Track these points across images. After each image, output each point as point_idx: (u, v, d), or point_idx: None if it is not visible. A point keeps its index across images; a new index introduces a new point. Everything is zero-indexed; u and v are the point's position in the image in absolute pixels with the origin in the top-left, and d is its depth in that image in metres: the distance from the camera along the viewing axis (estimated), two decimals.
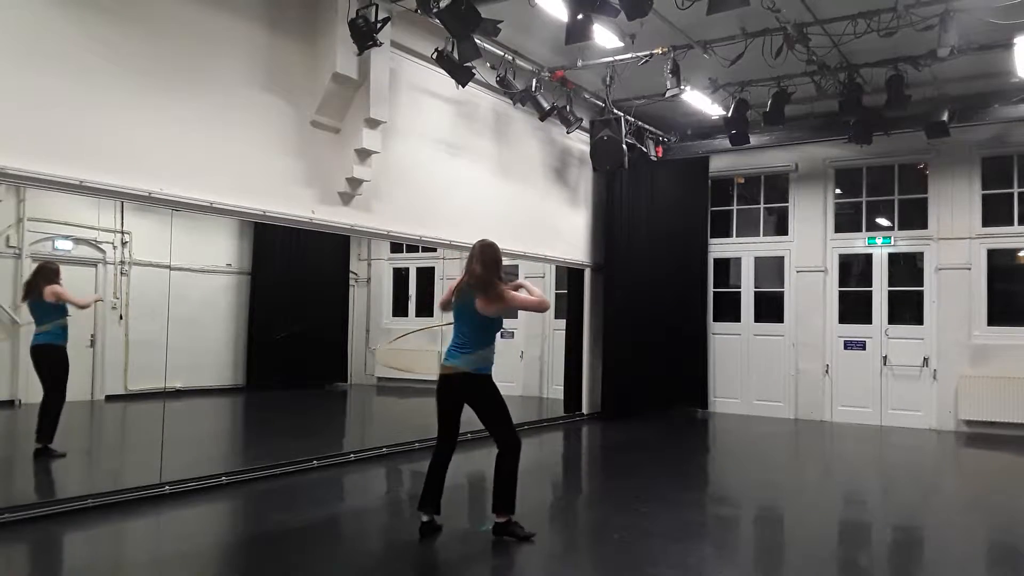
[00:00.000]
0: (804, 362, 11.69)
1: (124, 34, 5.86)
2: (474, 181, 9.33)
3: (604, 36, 7.71)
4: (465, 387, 5.32)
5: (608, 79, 9.30)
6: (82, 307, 8.07)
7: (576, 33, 7.05)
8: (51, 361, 7.65)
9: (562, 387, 11.86)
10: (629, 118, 10.24)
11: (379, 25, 6.76)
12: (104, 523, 5.60)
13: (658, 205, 12.02)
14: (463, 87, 8.08)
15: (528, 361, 13.26)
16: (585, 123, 10.15)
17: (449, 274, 13.68)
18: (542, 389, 13.02)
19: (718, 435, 10.86)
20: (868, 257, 11.54)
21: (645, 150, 10.75)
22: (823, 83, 9.21)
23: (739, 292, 12.34)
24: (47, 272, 7.61)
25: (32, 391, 9.47)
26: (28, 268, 9.62)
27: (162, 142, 6.10)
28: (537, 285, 13.31)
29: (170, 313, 7.86)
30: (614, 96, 9.75)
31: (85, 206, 9.70)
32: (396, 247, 14.58)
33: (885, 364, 11.21)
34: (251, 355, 12.62)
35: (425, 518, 5.32)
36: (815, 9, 7.72)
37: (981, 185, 10.74)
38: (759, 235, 12.35)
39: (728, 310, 12.37)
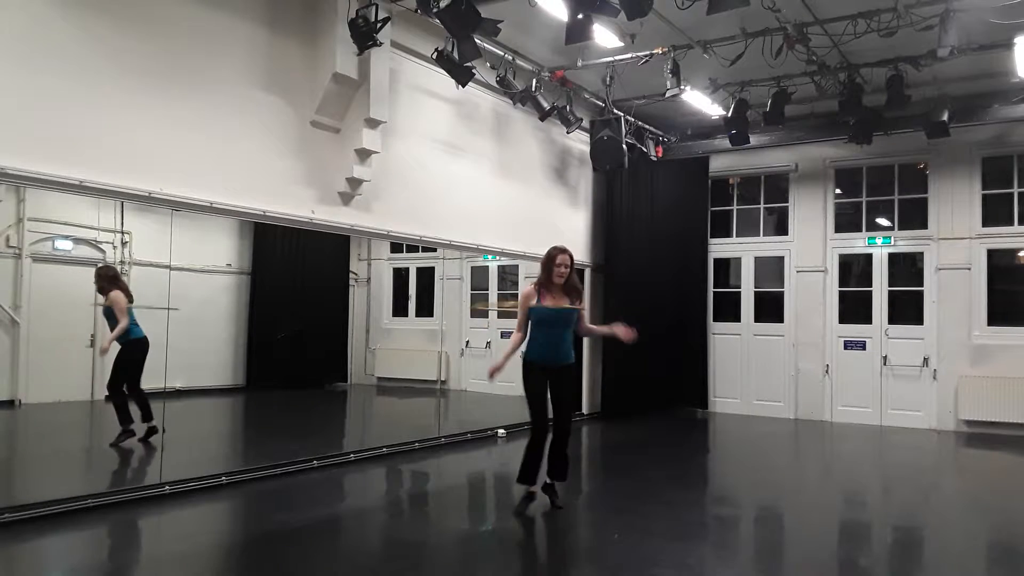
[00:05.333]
0: (804, 362, 11.69)
1: (124, 34, 5.86)
2: (474, 181, 9.33)
3: (604, 36, 7.71)
4: None
5: (608, 79, 9.30)
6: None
7: (576, 33, 7.05)
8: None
9: None
10: (629, 118, 10.24)
11: (379, 25, 6.76)
12: (104, 523, 5.60)
13: (658, 205, 12.01)
14: (463, 87, 8.09)
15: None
16: (585, 123, 10.15)
17: (449, 274, 13.73)
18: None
19: (718, 435, 10.86)
20: (868, 257, 11.54)
21: (645, 150, 10.75)
22: (823, 83, 9.21)
23: (739, 292, 12.33)
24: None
25: (32, 391, 9.49)
26: (28, 268, 9.64)
27: (162, 142, 6.11)
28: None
29: (170, 313, 7.86)
30: (614, 96, 9.74)
31: (85, 206, 9.70)
32: (396, 247, 14.58)
33: (885, 364, 11.21)
34: (251, 355, 12.61)
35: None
36: (815, 9, 7.72)
37: (981, 185, 10.74)
38: (759, 235, 12.35)
39: (728, 310, 12.37)
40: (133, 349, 7.91)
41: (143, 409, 7.79)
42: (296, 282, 13.02)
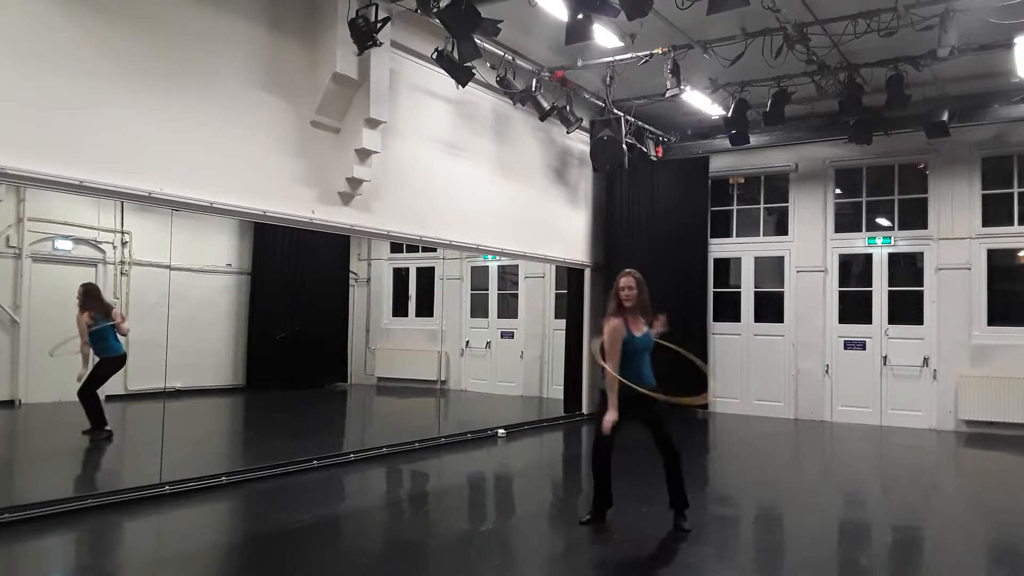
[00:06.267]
0: (804, 362, 11.69)
1: (124, 34, 5.86)
2: (474, 181, 9.33)
3: (604, 36, 7.71)
4: None
5: (608, 79, 9.30)
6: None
7: (576, 33, 7.05)
8: None
9: (562, 387, 11.86)
10: (629, 118, 10.24)
11: (379, 25, 6.77)
12: (104, 523, 5.59)
13: (658, 205, 12.01)
14: (463, 87, 8.09)
15: (528, 361, 13.26)
16: (585, 123, 10.15)
17: (449, 274, 13.75)
18: (542, 389, 13.03)
19: (718, 435, 10.86)
20: (868, 257, 11.54)
21: (645, 150, 10.75)
22: (823, 83, 9.21)
23: (739, 292, 12.33)
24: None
25: (32, 391, 9.50)
26: (28, 268, 9.64)
27: (162, 142, 6.11)
28: (537, 285, 13.44)
29: (170, 313, 7.87)
30: (614, 96, 9.75)
31: (85, 206, 9.72)
32: (396, 247, 14.59)
33: (885, 364, 11.20)
34: (251, 355, 12.63)
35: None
36: (815, 9, 7.72)
37: (981, 185, 10.73)
38: (759, 235, 12.35)
39: (728, 310, 12.37)
40: (112, 363, 8.18)
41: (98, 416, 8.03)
42: (296, 282, 13.03)
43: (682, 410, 5.69)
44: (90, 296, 8.17)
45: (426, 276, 14.47)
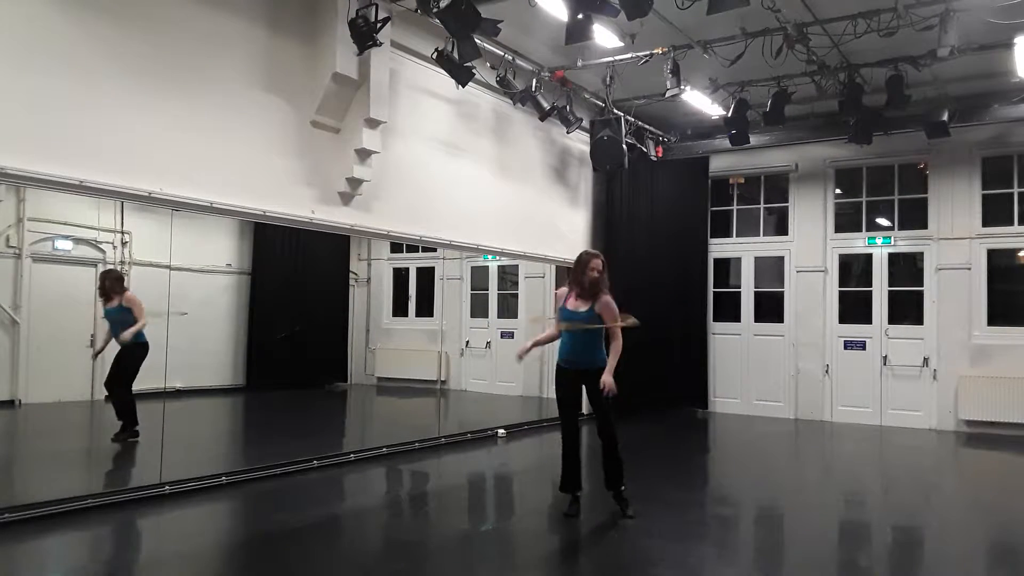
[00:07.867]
0: (804, 362, 11.69)
1: (124, 34, 5.86)
2: (474, 181, 9.33)
3: (604, 36, 7.71)
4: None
5: (608, 79, 9.30)
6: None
7: (576, 33, 7.05)
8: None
9: None
10: (629, 118, 10.23)
11: (379, 25, 6.76)
12: (104, 523, 5.60)
13: (658, 205, 12.01)
14: (463, 87, 8.09)
15: (528, 361, 13.22)
16: (585, 123, 10.14)
17: (449, 274, 13.75)
18: (542, 389, 13.01)
19: (718, 435, 10.86)
20: (868, 257, 11.54)
21: (645, 150, 10.75)
22: (823, 83, 9.20)
23: (739, 292, 12.34)
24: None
25: (32, 391, 9.49)
26: (28, 268, 9.64)
27: (162, 142, 6.11)
28: (537, 285, 13.45)
29: (170, 313, 7.87)
30: (614, 96, 9.74)
31: (85, 206, 9.71)
32: (396, 247, 14.59)
33: (885, 364, 11.21)
34: (251, 355, 12.62)
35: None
36: (815, 9, 7.72)
37: (981, 185, 10.74)
38: (759, 235, 12.35)
39: (728, 310, 12.37)
40: (140, 351, 7.93)
41: (132, 414, 7.85)
42: (296, 282, 13.03)
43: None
44: (122, 281, 8.13)
45: (426, 276, 14.47)
